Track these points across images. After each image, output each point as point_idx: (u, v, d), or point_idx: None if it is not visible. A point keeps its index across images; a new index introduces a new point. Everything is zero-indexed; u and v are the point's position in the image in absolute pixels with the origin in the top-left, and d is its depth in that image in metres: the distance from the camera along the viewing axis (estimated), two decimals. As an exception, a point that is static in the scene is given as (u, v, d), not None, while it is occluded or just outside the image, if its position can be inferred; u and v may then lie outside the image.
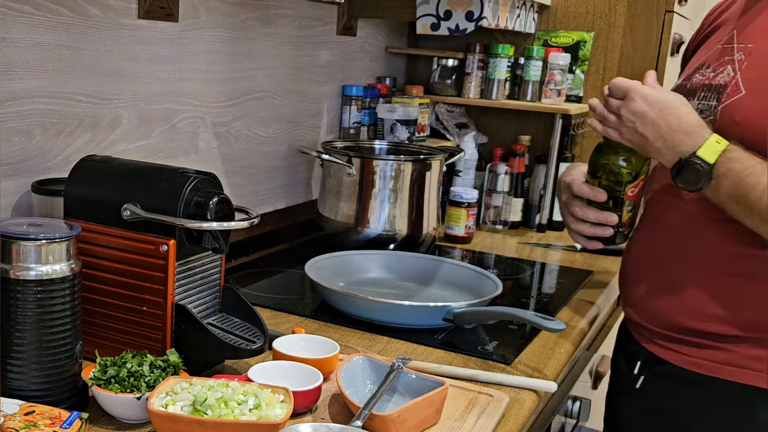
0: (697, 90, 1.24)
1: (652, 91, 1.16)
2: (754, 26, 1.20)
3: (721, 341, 1.19)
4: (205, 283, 1.15)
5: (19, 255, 0.94)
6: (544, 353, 1.32)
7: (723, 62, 1.21)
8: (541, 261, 1.93)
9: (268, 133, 1.84)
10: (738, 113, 1.15)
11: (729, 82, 1.18)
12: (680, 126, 1.13)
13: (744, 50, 1.19)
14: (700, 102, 1.21)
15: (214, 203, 1.07)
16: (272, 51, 1.79)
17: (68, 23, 1.27)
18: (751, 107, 1.14)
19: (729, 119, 1.15)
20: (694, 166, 1.11)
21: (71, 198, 1.14)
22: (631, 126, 1.17)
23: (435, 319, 1.37)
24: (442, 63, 2.30)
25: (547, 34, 2.27)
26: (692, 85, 1.26)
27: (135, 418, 0.98)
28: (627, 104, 1.17)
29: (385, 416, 0.97)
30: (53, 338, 0.96)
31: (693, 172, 1.12)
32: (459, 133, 2.32)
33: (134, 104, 1.44)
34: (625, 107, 1.17)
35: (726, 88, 1.18)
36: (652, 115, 1.14)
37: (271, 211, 1.89)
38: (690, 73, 1.29)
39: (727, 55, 1.21)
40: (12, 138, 1.22)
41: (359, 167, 1.73)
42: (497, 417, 1.07)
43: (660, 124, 1.14)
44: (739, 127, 1.14)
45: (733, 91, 1.16)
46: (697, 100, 1.22)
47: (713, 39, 1.31)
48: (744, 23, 1.23)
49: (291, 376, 1.06)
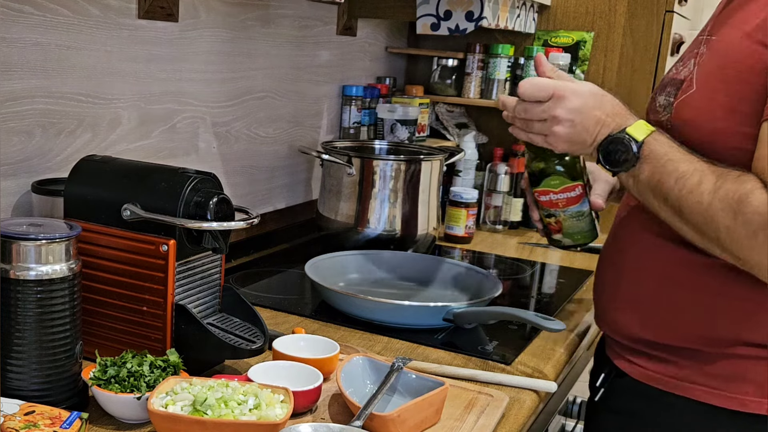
0: (666, 84, 1.18)
1: (576, 84, 1.09)
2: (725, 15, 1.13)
3: (678, 355, 1.15)
4: (205, 283, 1.15)
5: (19, 255, 0.94)
6: (544, 353, 1.32)
7: (691, 55, 1.15)
8: (541, 261, 1.93)
9: (268, 133, 1.84)
10: (687, 111, 1.09)
11: (687, 77, 1.11)
12: (613, 109, 1.08)
13: (707, 42, 1.12)
14: (666, 98, 1.15)
15: (214, 203, 1.07)
16: (272, 51, 1.79)
17: (68, 23, 1.27)
18: (699, 105, 1.07)
19: (680, 117, 1.10)
20: (623, 140, 1.05)
21: (71, 198, 1.14)
22: (568, 124, 1.08)
23: (435, 319, 1.37)
24: (442, 63, 2.30)
25: (547, 34, 2.27)
26: (665, 79, 1.20)
27: (135, 418, 0.98)
28: (561, 103, 1.07)
29: (385, 416, 0.97)
30: (53, 338, 0.96)
31: (621, 146, 1.05)
32: (459, 133, 2.32)
33: (134, 104, 1.44)
34: (560, 107, 1.07)
35: (682, 83, 1.11)
36: (591, 103, 1.07)
37: (271, 211, 1.89)
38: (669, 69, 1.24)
39: (695, 47, 1.15)
40: (12, 138, 1.22)
41: (359, 167, 1.73)
42: (497, 417, 1.07)
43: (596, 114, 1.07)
44: (687, 126, 1.08)
45: (687, 87, 1.10)
46: (664, 95, 1.16)
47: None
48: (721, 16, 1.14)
49: (291, 376, 1.06)
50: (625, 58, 2.19)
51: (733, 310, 1.09)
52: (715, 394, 1.12)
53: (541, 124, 1.10)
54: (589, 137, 1.08)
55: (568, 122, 1.08)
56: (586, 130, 1.08)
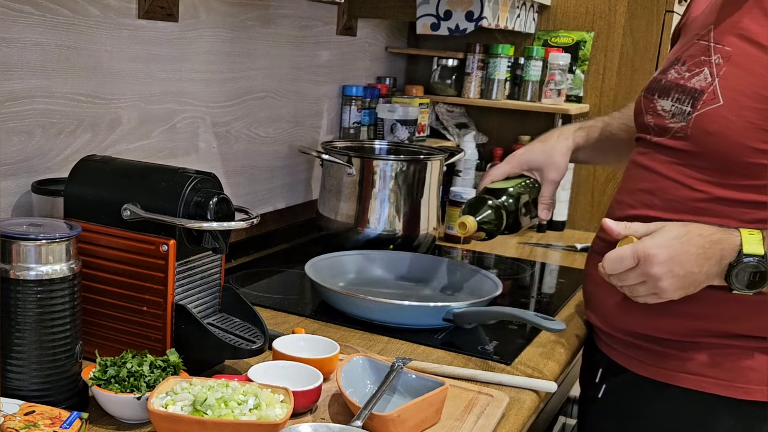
0: (671, 89, 1.18)
1: (654, 236, 1.07)
2: (730, 24, 1.14)
3: (676, 348, 1.17)
4: (205, 283, 1.15)
5: (19, 255, 0.94)
6: (544, 353, 1.32)
7: (699, 62, 1.15)
8: (541, 261, 1.93)
9: (268, 133, 1.84)
10: (713, 123, 1.10)
11: (706, 88, 1.12)
12: (706, 237, 1.06)
13: (722, 53, 1.13)
14: (673, 104, 1.16)
15: (214, 203, 1.07)
16: (272, 51, 1.79)
17: (68, 23, 1.27)
18: (728, 119, 1.09)
19: (702, 128, 1.11)
20: (750, 264, 1.04)
21: (71, 198, 1.14)
22: (669, 275, 1.05)
23: (435, 319, 1.36)
24: (442, 63, 2.30)
25: (547, 34, 2.27)
26: (667, 82, 1.20)
27: (135, 418, 0.98)
28: (650, 261, 1.05)
29: (385, 416, 0.97)
30: (53, 338, 0.96)
31: (751, 269, 1.04)
32: (459, 133, 2.32)
33: (134, 104, 1.44)
34: (652, 265, 1.05)
35: (702, 94, 1.12)
36: (679, 247, 1.05)
37: (271, 211, 1.89)
38: (666, 67, 1.23)
39: (703, 55, 1.15)
40: (12, 138, 1.22)
41: (359, 167, 1.73)
42: (497, 417, 1.07)
43: (691, 252, 1.05)
44: (712, 138, 1.10)
45: (709, 99, 1.11)
46: (670, 100, 1.17)
47: (692, 26, 1.24)
48: (722, 18, 1.16)
49: (291, 376, 1.06)
50: (625, 58, 2.19)
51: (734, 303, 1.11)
52: (720, 384, 1.14)
53: (643, 287, 1.08)
54: (699, 275, 1.06)
55: (668, 274, 1.05)
56: (690, 272, 1.06)
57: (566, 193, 2.23)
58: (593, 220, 2.25)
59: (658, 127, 1.20)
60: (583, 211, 2.28)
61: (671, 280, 1.06)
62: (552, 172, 1.43)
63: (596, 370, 1.30)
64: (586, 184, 2.26)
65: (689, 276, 1.06)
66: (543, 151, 1.45)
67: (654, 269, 1.05)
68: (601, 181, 2.25)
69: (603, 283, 1.22)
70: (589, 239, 2.07)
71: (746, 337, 1.14)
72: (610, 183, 2.23)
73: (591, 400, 1.32)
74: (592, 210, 2.26)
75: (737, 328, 1.14)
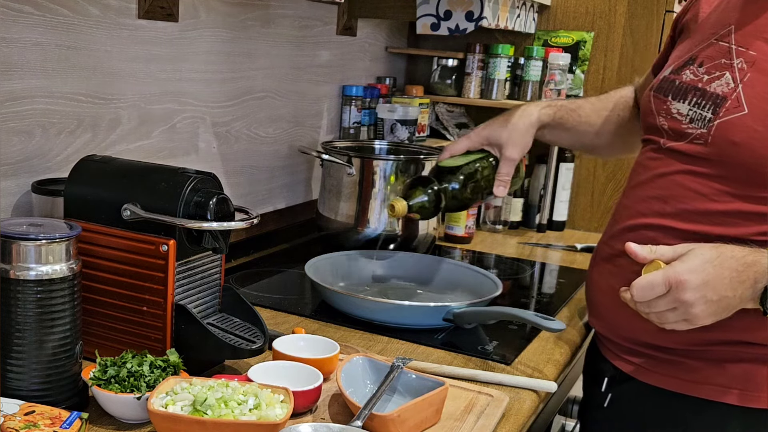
0: (687, 91, 1.13)
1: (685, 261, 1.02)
2: (755, 28, 1.09)
3: (685, 356, 1.14)
4: (205, 283, 1.15)
5: (19, 255, 0.94)
6: (544, 353, 1.32)
7: (719, 65, 1.10)
8: (541, 261, 1.93)
9: (268, 133, 1.84)
10: (737, 133, 1.05)
11: (729, 95, 1.07)
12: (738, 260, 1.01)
13: (745, 57, 1.08)
14: (691, 108, 1.12)
15: (214, 203, 1.07)
16: (272, 51, 1.79)
17: (68, 23, 1.27)
18: (754, 128, 1.04)
19: (725, 137, 1.07)
20: None
21: (71, 198, 1.14)
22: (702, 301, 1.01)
23: (435, 319, 1.36)
24: (442, 63, 2.30)
25: (547, 34, 2.27)
26: (682, 83, 1.15)
27: (135, 418, 0.98)
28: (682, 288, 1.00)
29: (385, 416, 0.97)
30: (53, 338, 0.96)
31: None
32: (459, 133, 2.31)
33: (134, 104, 1.44)
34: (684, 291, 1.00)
35: (725, 100, 1.07)
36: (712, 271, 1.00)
37: (271, 211, 1.89)
38: (679, 66, 1.17)
39: (724, 58, 1.10)
40: (12, 138, 1.22)
41: (359, 167, 1.73)
42: (497, 417, 1.07)
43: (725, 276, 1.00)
44: (736, 148, 1.05)
45: (733, 106, 1.06)
46: (687, 104, 1.12)
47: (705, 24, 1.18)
48: (744, 18, 1.10)
49: (291, 376, 1.06)
50: (625, 58, 2.19)
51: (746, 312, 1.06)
52: (731, 393, 1.12)
53: (673, 313, 1.03)
54: (733, 300, 1.02)
55: (701, 300, 1.01)
56: (724, 297, 1.01)
57: (566, 193, 2.23)
58: (593, 220, 2.25)
59: (672, 130, 1.15)
60: (583, 211, 2.28)
61: (704, 306, 1.01)
62: (510, 148, 1.39)
63: (602, 378, 1.28)
64: (586, 184, 2.26)
65: (723, 300, 1.01)
66: (504, 127, 1.40)
67: (687, 295, 1.00)
68: (601, 181, 2.25)
69: (609, 291, 1.20)
70: (589, 239, 2.09)
71: (757, 345, 1.11)
72: (610, 183, 2.23)
73: (596, 407, 1.30)
74: (592, 210, 2.26)
75: (748, 336, 1.11)
